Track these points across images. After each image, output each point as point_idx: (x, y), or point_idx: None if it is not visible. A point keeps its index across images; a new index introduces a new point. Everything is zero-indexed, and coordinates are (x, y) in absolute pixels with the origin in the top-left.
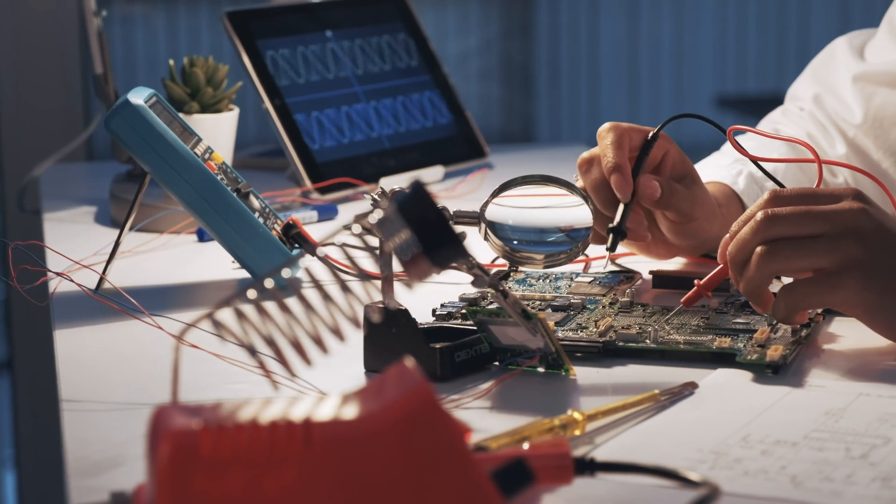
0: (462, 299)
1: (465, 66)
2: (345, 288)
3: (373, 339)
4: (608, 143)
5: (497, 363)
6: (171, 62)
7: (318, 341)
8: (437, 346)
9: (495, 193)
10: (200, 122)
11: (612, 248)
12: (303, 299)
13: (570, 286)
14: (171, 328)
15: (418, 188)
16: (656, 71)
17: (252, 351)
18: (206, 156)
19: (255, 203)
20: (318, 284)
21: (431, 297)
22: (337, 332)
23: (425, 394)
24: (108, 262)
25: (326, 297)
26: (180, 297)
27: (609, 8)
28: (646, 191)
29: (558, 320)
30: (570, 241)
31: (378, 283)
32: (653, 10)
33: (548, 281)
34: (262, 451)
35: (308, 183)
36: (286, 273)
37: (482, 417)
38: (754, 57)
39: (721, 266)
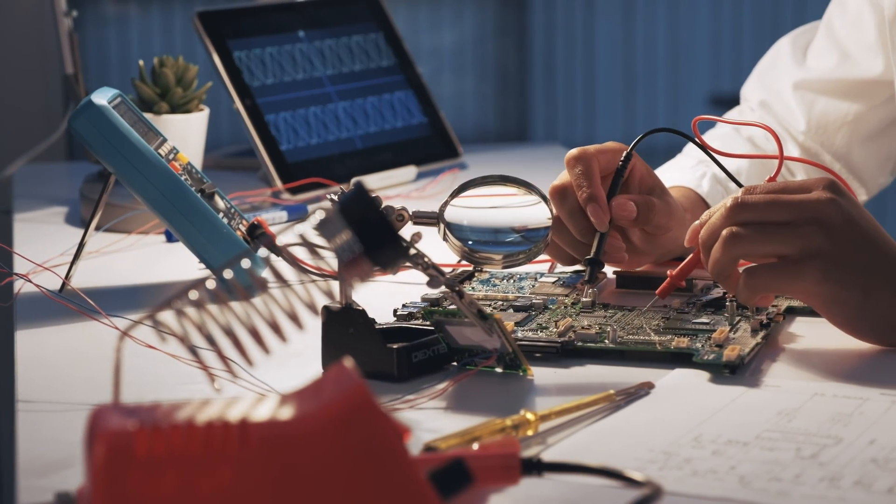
0: (424, 300)
1: (460, 65)
2: (285, 285)
3: (331, 339)
4: (578, 172)
5: (455, 363)
6: (141, 62)
7: (259, 340)
8: (395, 346)
9: (454, 194)
10: (170, 123)
11: (590, 280)
12: (245, 298)
13: (533, 286)
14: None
15: (360, 189)
16: (651, 70)
17: (193, 350)
18: (171, 156)
19: (220, 203)
20: (263, 285)
21: (394, 297)
22: (278, 331)
23: (361, 394)
24: (73, 262)
25: (269, 295)
26: (147, 297)
27: (604, 7)
28: (622, 213)
29: (519, 320)
30: (529, 241)
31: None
32: (648, 9)
33: (512, 281)
34: (198, 450)
35: (279, 183)
36: (247, 270)
37: (437, 417)
38: (749, 56)
39: (692, 255)
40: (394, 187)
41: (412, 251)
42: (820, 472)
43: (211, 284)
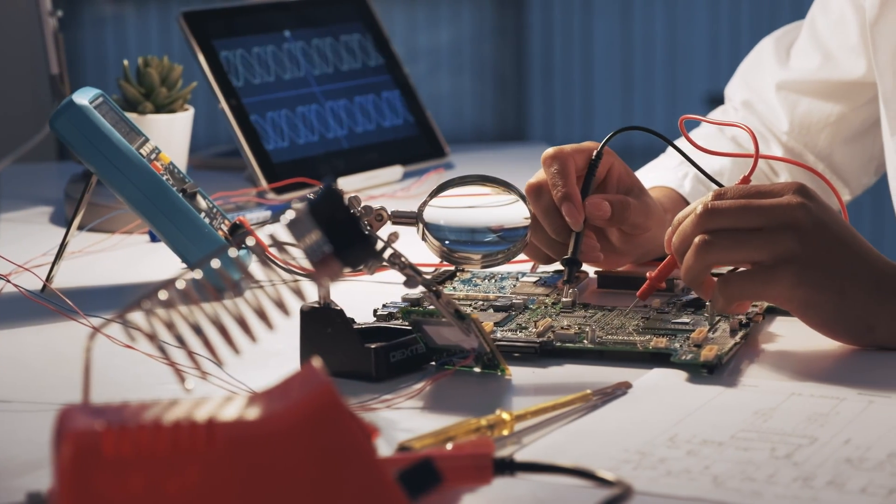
0: (405, 299)
1: (458, 64)
2: (258, 284)
3: (309, 339)
4: (554, 171)
5: (433, 363)
6: (126, 62)
7: (229, 339)
8: (372, 346)
9: (433, 194)
10: (154, 122)
11: (569, 280)
12: (217, 298)
13: (514, 286)
14: (110, 329)
15: (329, 190)
16: (649, 69)
17: (163, 349)
18: (153, 156)
19: (202, 203)
20: (235, 286)
21: (375, 297)
22: (247, 330)
23: (328, 394)
24: (55, 262)
25: (240, 294)
26: (131, 297)
27: (602, 7)
28: (596, 212)
29: (498, 320)
30: (508, 241)
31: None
32: (646, 8)
33: (493, 281)
34: (165, 450)
35: (264, 183)
36: (218, 270)
37: (413, 417)
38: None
39: (669, 257)
40: (379, 187)
41: (389, 251)
42: (794, 472)
43: (181, 284)
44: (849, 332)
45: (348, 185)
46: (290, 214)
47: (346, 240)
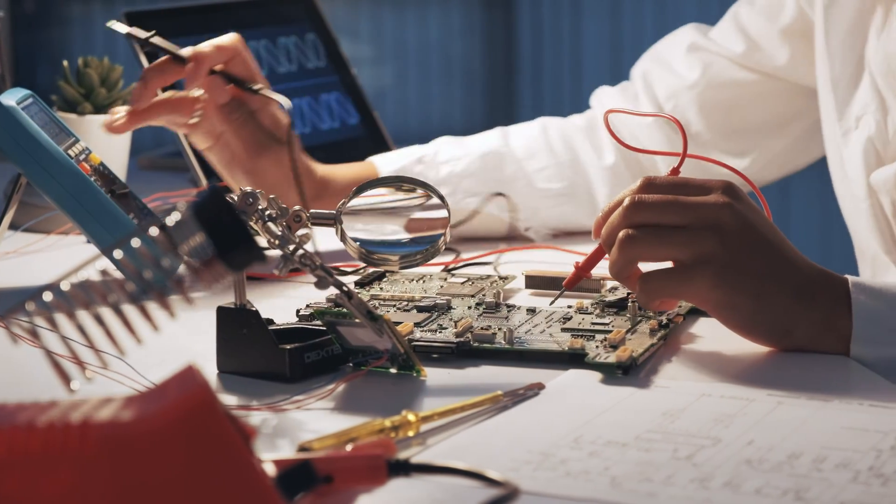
0: (329, 300)
1: (448, 65)
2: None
3: (225, 340)
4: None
5: (350, 364)
6: (66, 62)
7: (114, 341)
8: (287, 347)
9: (352, 195)
10: (94, 123)
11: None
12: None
13: (442, 286)
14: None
15: (215, 192)
16: None
17: (48, 352)
18: (82, 157)
19: (132, 204)
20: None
21: (302, 298)
22: (132, 331)
23: (202, 396)
24: None
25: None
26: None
27: (591, 7)
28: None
29: (419, 321)
30: (426, 242)
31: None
32: (635, 8)
33: (421, 282)
34: (38, 451)
35: (205, 184)
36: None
37: (323, 418)
38: None
39: (597, 247)
40: None
41: (300, 252)
42: (692, 473)
43: (67, 285)
44: (766, 335)
45: None
46: (174, 216)
47: (230, 242)
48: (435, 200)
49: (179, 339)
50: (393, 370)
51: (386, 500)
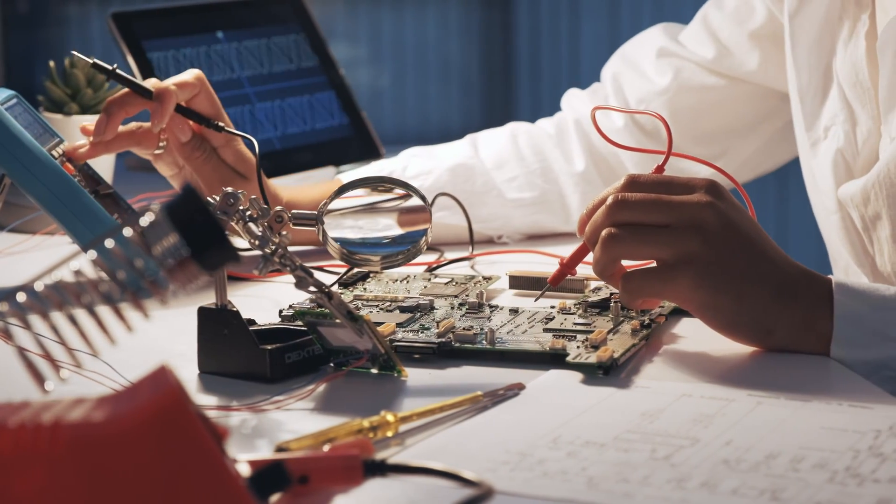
0: (311, 301)
1: (445, 66)
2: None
3: (206, 340)
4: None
5: (331, 364)
6: (52, 63)
7: (88, 341)
8: (268, 347)
9: (334, 195)
10: (80, 124)
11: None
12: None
13: (425, 287)
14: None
15: (189, 192)
16: None
17: (22, 352)
18: (66, 157)
19: (118, 205)
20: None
21: (283, 299)
22: (105, 331)
23: (174, 397)
24: None
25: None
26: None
27: (589, 8)
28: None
29: (402, 321)
30: (407, 242)
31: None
32: (633, 9)
33: (405, 282)
34: (8, 451)
35: None
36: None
37: (302, 419)
38: None
39: (581, 244)
40: None
41: (280, 252)
42: (669, 474)
43: (41, 286)
44: (747, 335)
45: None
46: (148, 217)
47: (203, 242)
48: (416, 201)
49: (161, 339)
50: (374, 370)
51: (362, 500)
